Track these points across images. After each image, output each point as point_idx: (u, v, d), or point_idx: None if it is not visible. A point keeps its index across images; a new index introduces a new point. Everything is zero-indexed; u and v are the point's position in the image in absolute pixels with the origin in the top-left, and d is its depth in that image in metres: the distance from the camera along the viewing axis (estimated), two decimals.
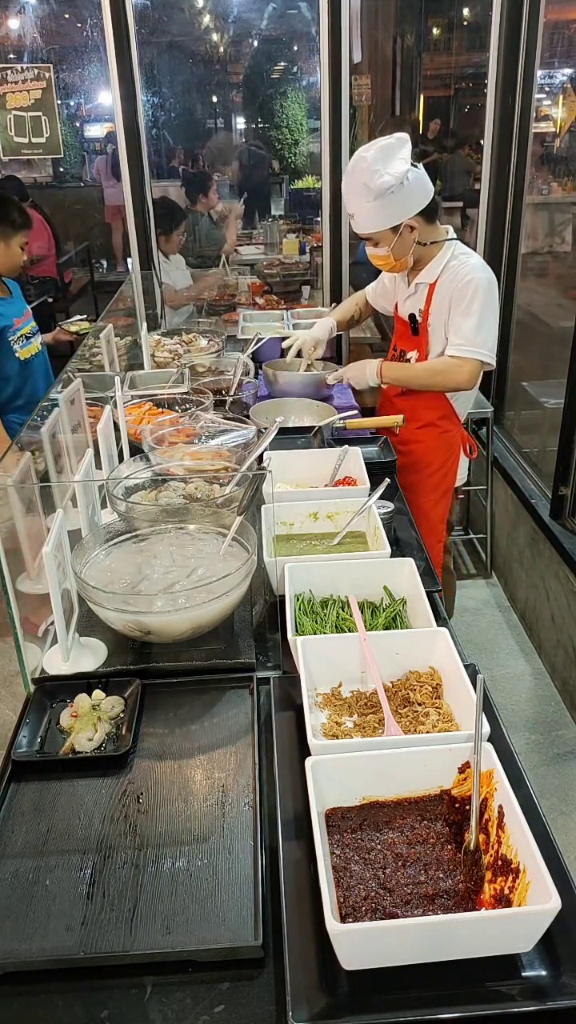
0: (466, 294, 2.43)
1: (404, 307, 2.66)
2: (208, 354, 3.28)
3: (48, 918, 1.08)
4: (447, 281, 2.48)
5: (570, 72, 3.79)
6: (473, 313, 2.42)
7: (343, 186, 2.46)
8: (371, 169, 2.31)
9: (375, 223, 2.42)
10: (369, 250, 2.52)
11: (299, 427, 2.58)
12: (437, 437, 2.67)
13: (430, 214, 2.47)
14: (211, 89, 7.07)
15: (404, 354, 2.68)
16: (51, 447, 1.97)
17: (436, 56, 6.97)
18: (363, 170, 2.32)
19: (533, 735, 3.05)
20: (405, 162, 2.33)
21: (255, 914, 1.06)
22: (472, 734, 1.14)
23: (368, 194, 2.33)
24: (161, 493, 2.00)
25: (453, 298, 2.46)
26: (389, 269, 2.57)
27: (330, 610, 1.57)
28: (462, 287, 2.44)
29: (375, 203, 2.35)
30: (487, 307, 2.43)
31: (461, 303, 2.44)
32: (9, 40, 5.16)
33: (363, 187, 2.33)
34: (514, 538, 3.76)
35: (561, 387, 3.03)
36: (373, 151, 2.32)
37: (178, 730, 1.42)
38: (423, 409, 2.65)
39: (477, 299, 2.41)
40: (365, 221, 2.42)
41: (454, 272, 2.47)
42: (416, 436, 2.67)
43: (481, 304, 2.41)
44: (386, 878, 1.05)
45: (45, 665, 1.58)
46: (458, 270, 2.46)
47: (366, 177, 2.31)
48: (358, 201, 2.39)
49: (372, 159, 2.31)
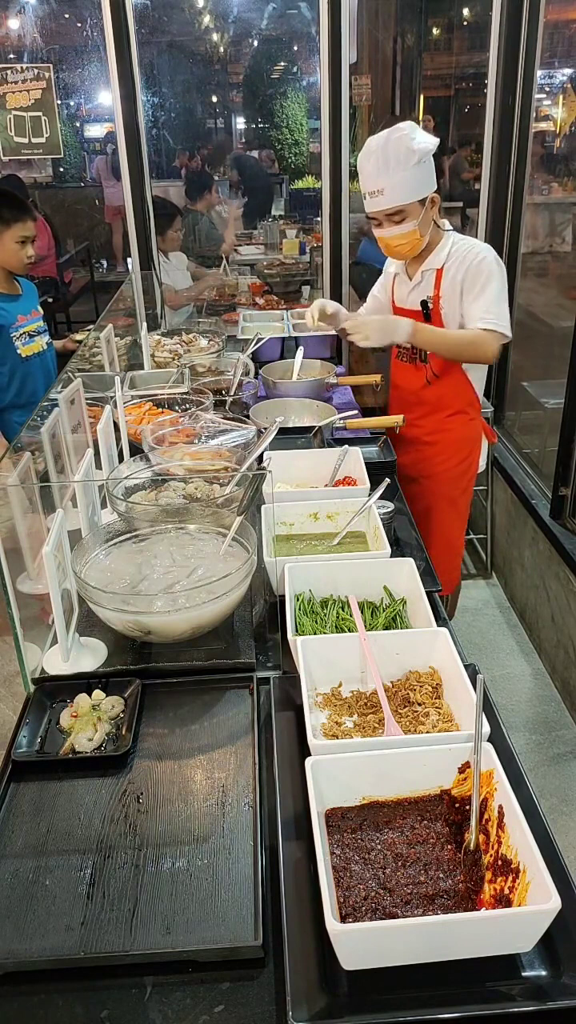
0: (481, 273, 2.46)
1: (411, 298, 2.65)
2: (208, 354, 3.28)
3: (48, 918, 1.08)
4: (455, 265, 2.50)
5: (570, 72, 3.79)
6: (492, 290, 2.45)
7: (368, 164, 2.41)
8: (409, 136, 2.33)
9: (409, 192, 2.39)
10: (388, 232, 2.47)
11: (299, 427, 2.58)
12: (465, 424, 2.70)
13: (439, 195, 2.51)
14: (211, 89, 7.07)
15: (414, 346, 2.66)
16: (51, 447, 1.96)
17: (436, 56, 6.97)
18: (400, 137, 2.33)
19: (533, 735, 3.05)
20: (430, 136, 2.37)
21: (255, 914, 1.06)
22: (472, 734, 1.14)
23: (409, 158, 2.33)
24: (161, 493, 2.00)
25: (466, 279, 2.48)
26: (407, 251, 2.54)
27: (330, 610, 1.57)
28: (476, 267, 2.46)
29: (413, 170, 2.35)
30: (502, 284, 2.47)
31: (478, 282, 2.47)
32: (9, 40, 5.16)
33: (405, 152, 2.32)
34: (514, 538, 3.76)
35: (561, 387, 3.03)
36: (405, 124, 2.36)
37: (178, 730, 1.42)
38: (452, 397, 2.67)
39: (493, 277, 2.45)
40: (398, 192, 2.39)
41: (461, 256, 2.49)
42: (445, 425, 2.69)
43: (498, 281, 2.45)
44: (386, 878, 1.05)
45: (45, 665, 1.58)
46: (466, 253, 2.49)
47: (406, 142, 2.32)
48: (393, 171, 2.36)
49: (407, 128, 2.34)
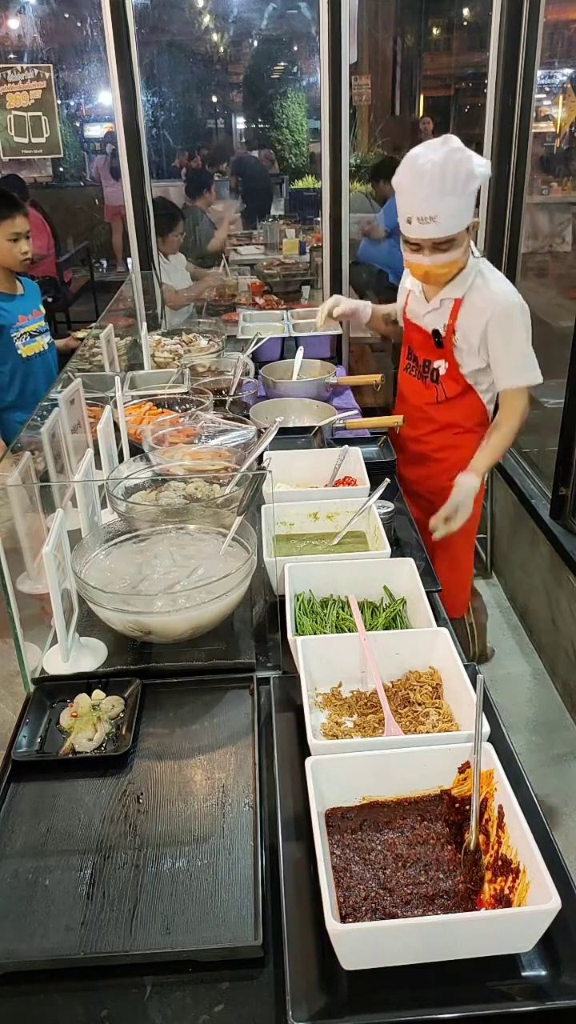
0: (506, 325, 2.35)
1: (426, 320, 2.54)
2: (208, 354, 3.28)
3: (48, 918, 1.08)
4: (476, 301, 2.37)
5: (570, 72, 3.80)
6: (514, 343, 2.36)
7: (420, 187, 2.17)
8: (467, 156, 2.13)
9: (463, 220, 2.22)
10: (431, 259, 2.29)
11: (299, 427, 2.58)
12: (476, 443, 2.55)
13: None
14: (211, 89, 7.07)
15: (430, 364, 2.58)
16: (51, 447, 1.97)
17: (436, 56, 6.97)
18: (461, 160, 2.12)
19: (533, 736, 3.05)
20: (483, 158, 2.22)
21: (255, 914, 1.06)
22: (472, 734, 1.14)
23: (469, 183, 2.14)
24: (161, 493, 2.00)
25: (491, 329, 2.36)
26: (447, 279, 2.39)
27: (330, 610, 1.57)
28: (502, 316, 2.33)
29: (464, 196, 2.17)
30: (526, 331, 2.37)
31: (504, 333, 2.36)
32: (9, 40, 5.16)
33: (466, 176, 2.12)
34: (514, 538, 3.76)
35: (561, 387, 3.03)
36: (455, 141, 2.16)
37: (178, 730, 1.42)
38: (463, 417, 2.59)
39: (517, 327, 2.35)
40: (454, 219, 2.20)
41: (485, 296, 2.36)
42: (455, 442, 2.60)
43: (520, 330, 2.35)
44: (386, 878, 1.05)
45: (45, 665, 1.58)
46: (491, 297, 2.35)
47: (467, 166, 2.12)
48: (450, 197, 2.15)
49: (460, 147, 2.14)
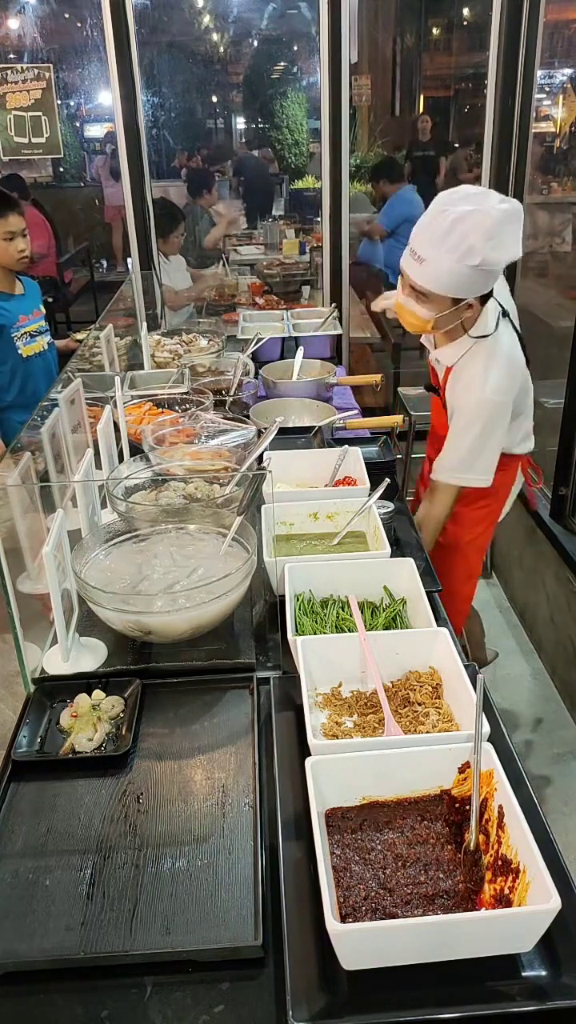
0: (469, 414, 2.11)
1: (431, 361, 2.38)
2: (208, 354, 3.28)
3: (48, 918, 1.08)
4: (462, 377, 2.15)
5: (570, 72, 3.80)
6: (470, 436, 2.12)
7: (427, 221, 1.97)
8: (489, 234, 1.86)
9: (445, 286, 1.98)
10: (403, 300, 2.09)
11: (299, 427, 2.58)
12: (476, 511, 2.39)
13: (485, 299, 2.07)
14: (211, 89, 7.07)
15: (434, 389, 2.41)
16: (51, 447, 1.97)
17: (436, 56, 6.98)
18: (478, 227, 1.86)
19: (533, 735, 3.05)
20: (520, 240, 1.91)
21: (255, 914, 1.06)
22: (472, 734, 1.14)
23: (468, 257, 1.89)
24: (161, 493, 2.00)
25: (456, 410, 2.16)
26: (413, 329, 2.17)
27: (330, 610, 1.57)
28: (469, 405, 2.11)
29: (462, 268, 1.91)
30: (487, 430, 2.11)
31: (461, 419, 2.14)
32: (9, 40, 5.16)
33: (467, 249, 1.88)
34: (514, 538, 3.76)
35: (561, 387, 3.03)
36: (498, 214, 1.86)
37: (178, 730, 1.42)
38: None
39: (478, 423, 2.10)
40: (434, 278, 1.97)
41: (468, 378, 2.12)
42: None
43: (484, 429, 2.10)
44: (386, 878, 1.05)
45: (45, 665, 1.58)
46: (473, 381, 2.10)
47: (478, 239, 1.86)
48: (440, 253, 1.92)
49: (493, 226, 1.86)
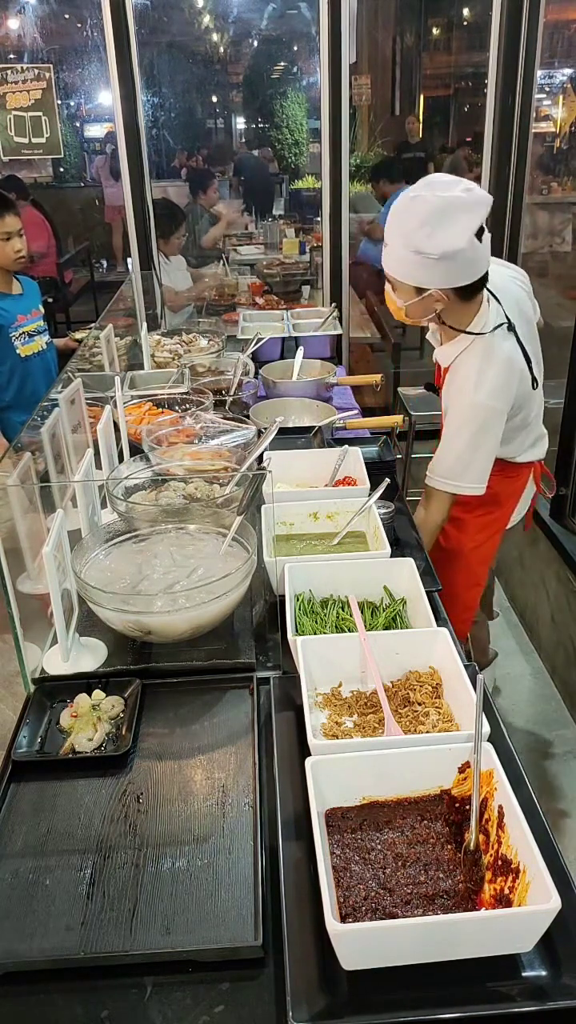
0: (459, 417, 2.09)
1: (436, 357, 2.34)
2: (208, 354, 3.28)
3: (48, 918, 1.08)
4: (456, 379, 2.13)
5: (570, 72, 3.80)
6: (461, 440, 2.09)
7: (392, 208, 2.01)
8: (423, 222, 1.88)
9: (401, 272, 2.02)
10: (387, 285, 2.14)
11: (299, 427, 2.58)
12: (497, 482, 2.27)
13: (469, 292, 2.02)
14: (211, 89, 7.07)
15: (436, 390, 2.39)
16: (51, 447, 1.97)
17: (436, 56, 6.98)
18: (414, 214, 1.90)
19: (533, 735, 3.05)
20: (467, 233, 1.87)
21: (255, 914, 1.06)
22: (472, 734, 1.14)
23: (407, 243, 1.93)
24: (161, 493, 2.00)
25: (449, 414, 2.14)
26: (395, 316, 2.19)
27: (330, 610, 1.57)
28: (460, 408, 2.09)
29: (409, 254, 1.95)
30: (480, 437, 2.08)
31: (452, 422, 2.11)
32: (9, 40, 5.16)
33: (405, 233, 1.93)
34: (514, 538, 3.76)
35: (561, 387, 3.03)
36: (437, 200, 1.87)
37: (178, 730, 1.42)
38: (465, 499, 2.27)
39: (466, 426, 2.08)
40: (392, 262, 2.03)
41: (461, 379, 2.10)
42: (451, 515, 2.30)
43: (474, 432, 2.08)
44: (386, 878, 1.05)
45: (45, 665, 1.58)
46: (465, 384, 2.08)
47: (412, 224, 1.90)
48: (395, 238, 1.98)
49: (432, 211, 1.88)
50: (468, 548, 2.40)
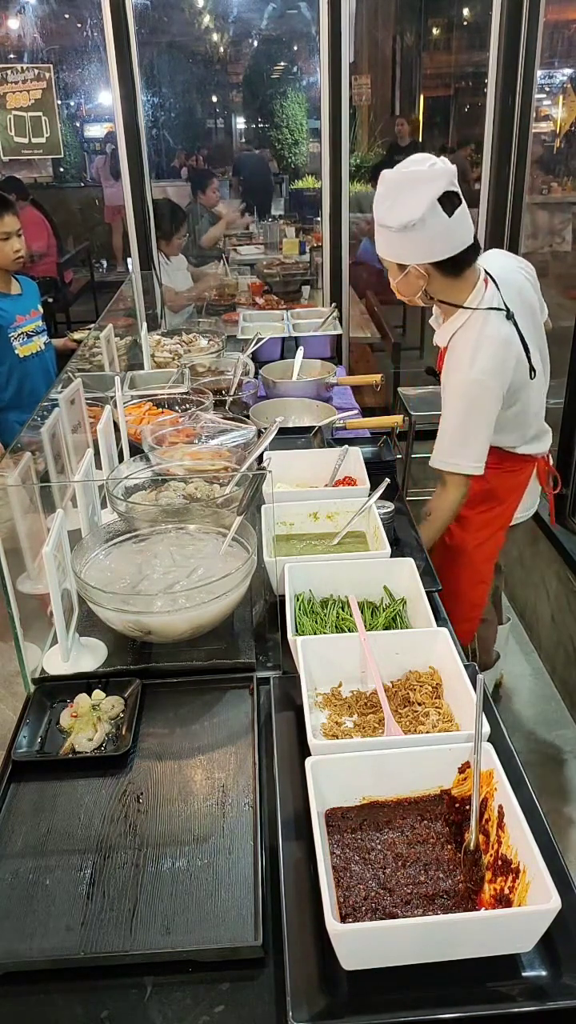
0: (454, 396, 2.10)
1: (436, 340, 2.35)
2: (208, 354, 3.28)
3: (48, 918, 1.08)
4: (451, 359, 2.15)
5: (570, 72, 3.80)
6: (452, 417, 2.11)
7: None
8: (385, 196, 1.99)
9: (382, 248, 2.11)
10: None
11: (299, 427, 2.58)
12: (496, 476, 2.30)
13: (452, 268, 2.04)
14: (211, 89, 7.07)
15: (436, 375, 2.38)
16: (51, 447, 1.97)
17: (436, 56, 6.98)
18: (379, 193, 2.02)
19: (533, 735, 3.05)
20: (427, 201, 1.91)
21: (255, 914, 1.06)
22: (472, 734, 1.14)
23: (377, 220, 2.05)
24: (161, 493, 2.00)
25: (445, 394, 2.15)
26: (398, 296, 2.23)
27: (330, 610, 1.57)
28: (453, 387, 2.10)
29: (380, 231, 2.06)
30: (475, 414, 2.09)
31: (447, 402, 2.13)
32: (9, 40, 5.16)
33: (376, 211, 2.04)
34: (514, 538, 3.75)
35: (561, 387, 3.03)
36: (397, 175, 1.98)
37: (178, 730, 1.42)
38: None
39: (463, 404, 2.09)
40: (378, 242, 2.12)
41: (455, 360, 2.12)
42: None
43: (468, 410, 2.09)
44: (386, 878, 1.05)
45: (45, 665, 1.58)
46: (459, 363, 2.09)
47: (377, 201, 2.03)
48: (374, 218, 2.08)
49: (392, 184, 1.97)
50: (472, 545, 2.41)
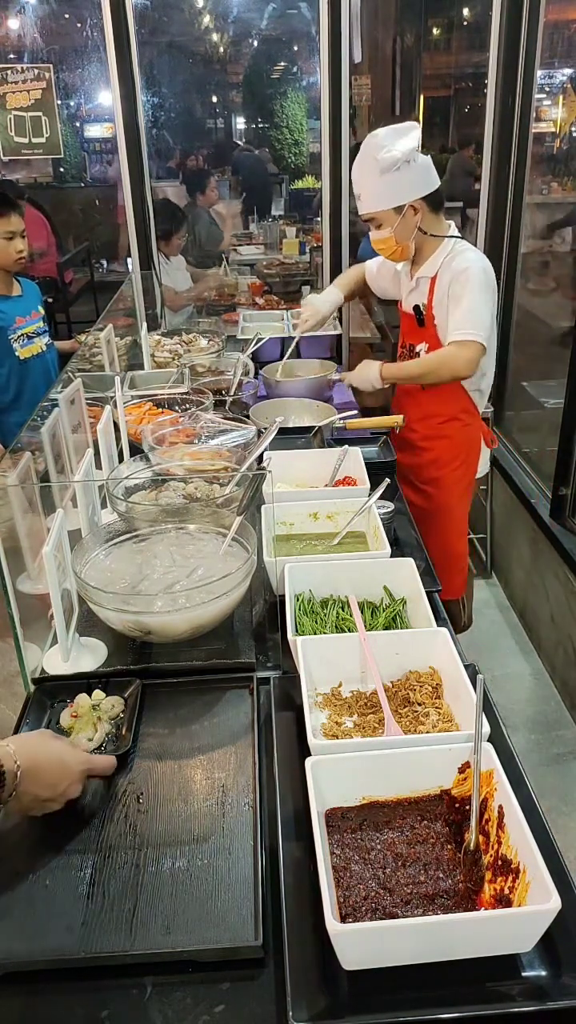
0: (460, 283, 2.46)
1: (408, 301, 2.68)
2: (208, 354, 3.28)
3: (48, 918, 1.08)
4: (445, 274, 2.51)
5: (570, 72, 3.79)
6: (468, 300, 2.44)
7: (353, 167, 2.50)
8: (380, 144, 2.36)
9: (380, 201, 2.45)
10: (372, 234, 2.56)
11: (299, 427, 2.58)
12: (460, 431, 2.69)
13: (435, 202, 2.51)
14: (211, 89, 7.06)
15: (413, 348, 2.68)
16: (51, 447, 1.97)
17: (436, 56, 6.98)
18: (373, 145, 2.38)
19: (533, 735, 3.05)
20: (413, 141, 2.38)
21: (255, 914, 1.06)
22: (472, 734, 1.14)
23: (375, 169, 2.37)
24: (161, 493, 2.00)
25: (451, 290, 2.50)
26: (391, 256, 2.60)
27: (330, 610, 1.57)
28: (458, 278, 2.47)
29: (381, 179, 2.39)
30: (482, 292, 2.44)
31: (457, 293, 2.47)
32: (9, 40, 5.16)
33: (372, 161, 2.37)
34: (514, 538, 3.76)
35: (561, 387, 3.03)
36: (384, 130, 2.40)
37: (178, 730, 1.42)
38: (445, 404, 2.67)
39: (471, 286, 2.44)
40: (370, 199, 2.46)
41: (453, 266, 2.50)
42: (440, 431, 2.69)
43: (474, 288, 2.43)
44: (386, 878, 1.05)
45: (45, 665, 1.58)
46: (456, 265, 2.48)
47: (374, 151, 2.36)
48: (365, 179, 2.44)
49: (383, 136, 2.38)
50: (452, 502, 2.76)
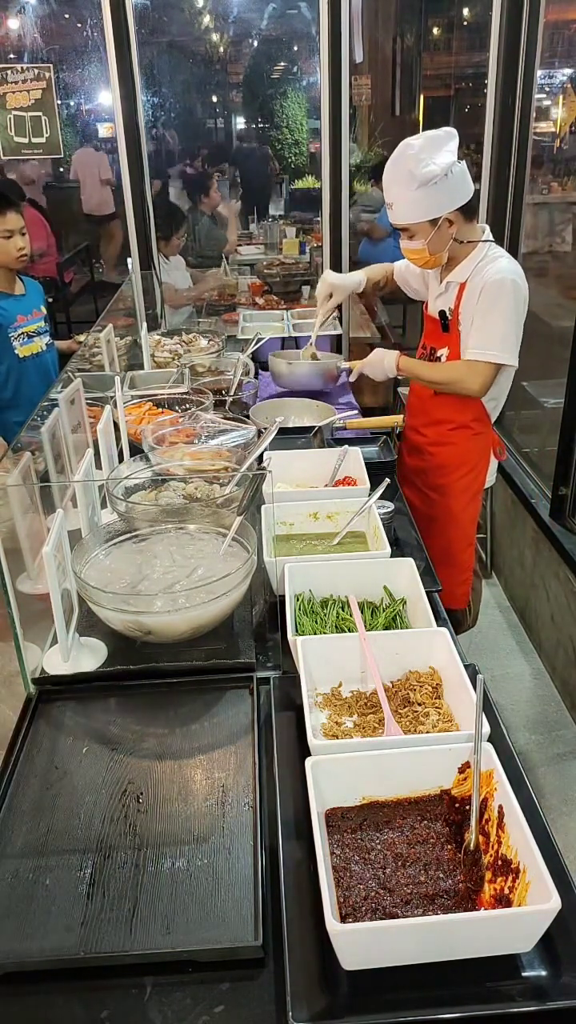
0: (491, 295, 2.39)
1: (434, 305, 2.61)
2: (208, 354, 3.28)
3: (48, 918, 1.08)
4: (477, 281, 2.44)
5: (570, 72, 3.79)
6: (493, 313, 2.38)
7: (384, 175, 2.40)
8: (417, 157, 2.28)
9: (415, 214, 2.38)
10: (404, 243, 2.49)
11: (299, 427, 2.58)
12: (469, 439, 2.62)
13: (469, 211, 2.45)
14: (211, 89, 7.06)
15: (435, 351, 2.60)
16: (51, 447, 1.96)
17: (436, 56, 6.97)
18: (409, 157, 2.29)
19: (533, 735, 3.05)
20: (452, 154, 2.31)
21: (255, 914, 1.06)
22: (472, 734, 1.14)
23: (412, 182, 2.30)
24: (161, 493, 2.00)
25: (480, 301, 2.43)
26: (423, 264, 2.53)
27: (330, 610, 1.57)
28: (488, 287, 2.40)
29: (417, 192, 2.32)
30: (509, 307, 2.38)
31: (484, 306, 2.41)
32: (9, 40, 5.16)
33: (408, 175, 2.29)
34: (514, 538, 3.76)
35: (561, 387, 3.03)
36: (421, 140, 2.31)
37: (178, 730, 1.42)
38: (457, 411, 2.59)
39: (501, 299, 2.38)
40: (404, 211, 2.39)
41: (484, 274, 2.42)
42: (449, 438, 2.63)
43: (503, 304, 2.37)
44: (386, 878, 1.05)
45: (45, 665, 1.58)
46: (488, 274, 2.41)
47: (411, 164, 2.28)
48: (400, 190, 2.36)
49: (419, 147, 2.29)
50: (457, 510, 2.68)
